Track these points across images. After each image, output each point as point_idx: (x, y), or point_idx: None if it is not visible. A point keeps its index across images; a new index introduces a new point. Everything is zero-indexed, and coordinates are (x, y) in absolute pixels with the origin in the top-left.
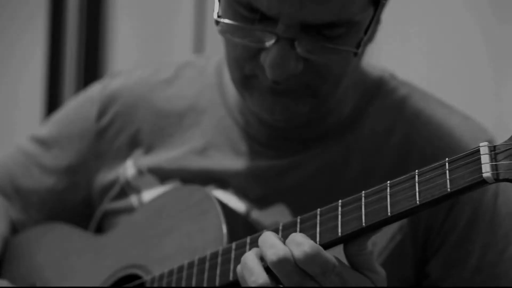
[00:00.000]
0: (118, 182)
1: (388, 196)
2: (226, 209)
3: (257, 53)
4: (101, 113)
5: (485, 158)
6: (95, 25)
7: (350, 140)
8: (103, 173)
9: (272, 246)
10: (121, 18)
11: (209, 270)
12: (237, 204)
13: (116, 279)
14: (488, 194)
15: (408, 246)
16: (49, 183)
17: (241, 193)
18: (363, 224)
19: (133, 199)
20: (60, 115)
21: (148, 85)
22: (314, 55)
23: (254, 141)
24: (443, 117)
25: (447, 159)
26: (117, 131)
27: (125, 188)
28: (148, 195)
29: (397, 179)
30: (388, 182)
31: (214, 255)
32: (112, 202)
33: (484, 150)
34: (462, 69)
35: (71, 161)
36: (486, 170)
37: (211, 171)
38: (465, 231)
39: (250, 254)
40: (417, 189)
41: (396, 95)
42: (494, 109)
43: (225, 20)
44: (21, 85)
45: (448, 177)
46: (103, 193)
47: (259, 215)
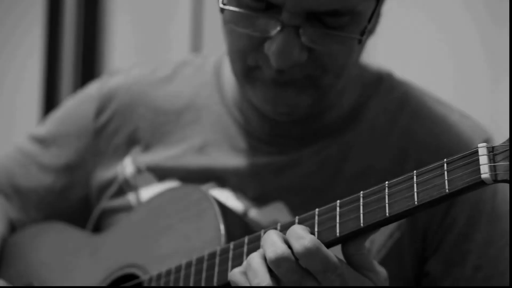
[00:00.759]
0: (116, 180)
1: (387, 196)
2: (224, 208)
3: (261, 43)
4: (99, 111)
5: (483, 159)
6: (92, 24)
7: (349, 136)
8: (101, 171)
9: (271, 244)
10: (119, 17)
11: (207, 270)
12: (235, 203)
13: (114, 278)
14: (487, 192)
15: (406, 244)
16: (47, 182)
17: (239, 191)
18: (361, 225)
19: (131, 197)
20: (58, 113)
21: (146, 83)
22: (318, 45)
23: (253, 138)
24: (442, 114)
25: (445, 160)
26: (115, 129)
27: (123, 186)
28: (146, 193)
29: (396, 179)
30: (387, 182)
31: (212, 255)
32: (110, 200)
33: (482, 151)
34: (458, 70)
35: (69, 159)
36: (485, 171)
37: (210, 169)
38: (465, 229)
39: (256, 255)
40: (415, 189)
41: (395, 93)
42: (490, 109)
43: (231, 8)
44: (19, 84)
45: (446, 178)
46: (101, 191)
47: (257, 213)
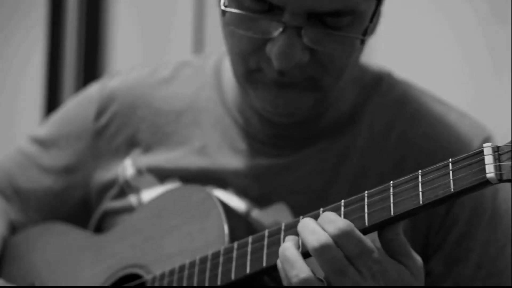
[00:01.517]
0: (117, 181)
1: (392, 196)
2: (228, 208)
3: (262, 45)
4: (99, 113)
5: (488, 159)
6: (94, 24)
7: (349, 137)
8: (101, 173)
9: (313, 232)
10: (120, 18)
11: (211, 269)
12: (237, 203)
13: (117, 278)
14: (488, 190)
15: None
16: (47, 183)
17: (241, 192)
18: (366, 224)
19: (132, 198)
20: (58, 115)
21: (146, 84)
22: (320, 45)
23: (254, 139)
24: (441, 114)
25: (450, 159)
26: (115, 130)
27: (124, 188)
28: (147, 194)
29: (400, 179)
30: (391, 182)
31: (215, 255)
32: (112, 202)
33: (488, 151)
34: (461, 69)
35: (69, 161)
36: (490, 171)
37: (211, 171)
38: (466, 228)
39: (290, 245)
40: (420, 189)
41: (394, 92)
42: (493, 108)
43: (233, 10)
44: (21, 85)
45: (451, 177)
46: (101, 192)
47: (259, 214)
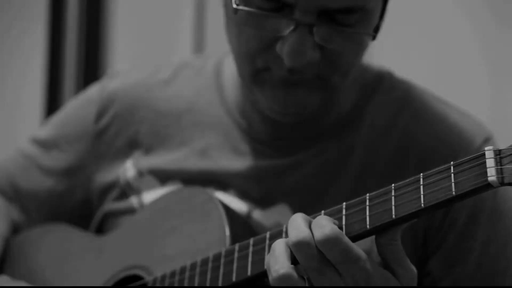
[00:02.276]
0: (118, 183)
1: (393, 198)
2: (229, 210)
3: (271, 44)
4: (100, 114)
5: (490, 162)
6: (95, 25)
7: (351, 137)
8: (102, 174)
9: (295, 228)
10: (121, 18)
11: (212, 271)
12: (239, 205)
13: (118, 279)
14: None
15: (407, 244)
16: (48, 185)
17: (243, 194)
18: (367, 227)
19: (133, 200)
20: (59, 116)
21: (147, 85)
22: (330, 43)
23: (255, 140)
24: (442, 113)
25: (452, 162)
26: (116, 132)
27: (125, 189)
28: (148, 196)
29: (402, 182)
30: (393, 185)
31: (216, 257)
32: (113, 203)
33: (489, 154)
34: (460, 72)
35: (70, 162)
36: (492, 174)
37: (212, 172)
38: (465, 228)
39: (280, 241)
40: (421, 192)
41: (395, 92)
42: (491, 111)
43: (245, 8)
44: (21, 86)
45: (453, 180)
46: (102, 194)
47: (260, 215)
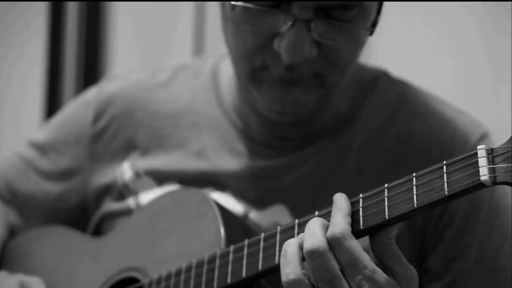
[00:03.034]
0: (115, 185)
1: (386, 199)
2: (224, 211)
3: (268, 41)
4: (97, 117)
5: (482, 161)
6: (94, 28)
7: (347, 136)
8: (99, 176)
9: (312, 235)
10: (121, 21)
11: (207, 273)
12: (235, 206)
13: (114, 281)
14: None
15: (405, 241)
16: (46, 187)
17: (239, 194)
18: (361, 227)
19: (130, 201)
20: (56, 119)
21: (144, 88)
22: (328, 39)
23: (251, 141)
24: (438, 111)
25: (444, 162)
26: (113, 134)
27: (123, 191)
28: (145, 197)
29: (395, 182)
30: (386, 185)
31: (212, 258)
32: (110, 205)
33: (481, 153)
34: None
35: (67, 165)
36: (484, 173)
37: (208, 173)
38: (463, 224)
39: (293, 242)
40: (414, 192)
41: (391, 91)
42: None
43: (243, 4)
44: (22, 89)
45: (445, 180)
46: (100, 196)
47: (257, 215)
